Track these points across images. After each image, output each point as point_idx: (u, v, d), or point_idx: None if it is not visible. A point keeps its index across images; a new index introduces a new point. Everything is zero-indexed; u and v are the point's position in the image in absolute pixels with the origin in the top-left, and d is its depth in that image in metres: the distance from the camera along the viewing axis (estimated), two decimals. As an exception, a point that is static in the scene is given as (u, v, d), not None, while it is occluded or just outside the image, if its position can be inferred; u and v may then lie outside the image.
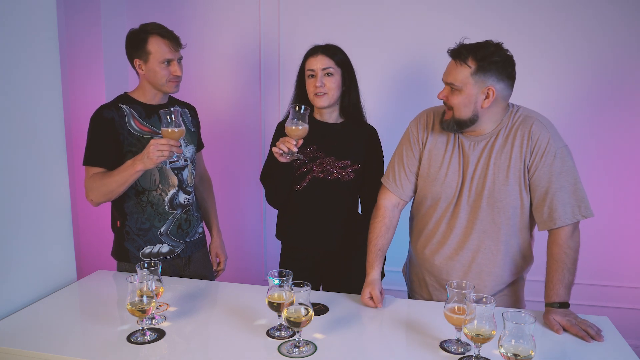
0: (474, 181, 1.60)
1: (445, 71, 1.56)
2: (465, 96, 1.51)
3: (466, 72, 1.49)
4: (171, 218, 1.88)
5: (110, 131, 1.77)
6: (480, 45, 1.50)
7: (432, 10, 2.62)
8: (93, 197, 1.77)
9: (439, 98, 1.58)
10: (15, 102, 1.54)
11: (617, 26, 2.47)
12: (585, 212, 1.52)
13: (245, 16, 2.84)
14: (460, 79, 1.50)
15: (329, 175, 1.86)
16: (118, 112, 1.79)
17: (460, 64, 1.50)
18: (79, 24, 2.83)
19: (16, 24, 1.54)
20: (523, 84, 2.53)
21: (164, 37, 1.77)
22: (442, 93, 1.57)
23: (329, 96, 1.81)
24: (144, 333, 1.37)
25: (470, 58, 1.48)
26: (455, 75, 1.51)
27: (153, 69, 1.78)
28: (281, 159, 1.68)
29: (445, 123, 1.58)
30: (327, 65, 1.79)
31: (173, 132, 1.62)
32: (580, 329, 1.41)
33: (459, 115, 1.54)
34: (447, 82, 1.55)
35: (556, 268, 1.52)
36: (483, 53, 1.48)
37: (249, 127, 2.96)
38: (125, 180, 1.70)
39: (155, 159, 1.62)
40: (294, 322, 1.27)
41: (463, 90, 1.51)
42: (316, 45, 1.85)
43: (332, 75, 1.80)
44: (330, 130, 1.89)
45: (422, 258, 1.75)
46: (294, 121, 1.62)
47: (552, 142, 1.52)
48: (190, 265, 1.98)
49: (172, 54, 1.78)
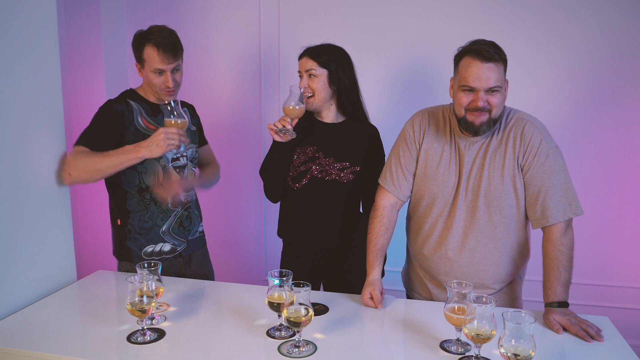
0: (470, 181, 1.62)
1: (479, 77, 1.48)
2: (502, 94, 1.53)
3: (502, 70, 1.51)
4: (173, 216, 1.89)
5: (116, 124, 1.77)
6: (490, 43, 1.52)
7: (432, 11, 2.62)
8: (72, 172, 1.67)
9: (481, 106, 1.50)
10: (15, 103, 1.54)
11: (615, 26, 2.47)
12: (575, 210, 1.56)
13: (245, 17, 2.85)
14: (501, 79, 1.51)
15: (327, 176, 1.86)
16: (127, 107, 1.80)
17: (495, 64, 1.49)
18: (79, 24, 2.84)
19: (16, 24, 1.54)
20: (520, 83, 2.54)
21: (158, 47, 1.74)
22: (480, 100, 1.49)
23: (315, 98, 1.83)
24: (144, 333, 1.37)
25: (498, 56, 1.49)
26: (496, 77, 1.49)
27: (147, 76, 1.80)
28: (276, 137, 1.76)
29: (481, 127, 1.53)
30: (310, 67, 1.82)
31: (177, 123, 1.66)
32: (580, 328, 1.41)
33: (496, 114, 1.54)
34: (488, 88, 1.49)
35: (552, 267, 1.53)
36: (500, 49, 1.51)
37: (249, 127, 2.96)
38: (121, 163, 1.66)
39: (165, 147, 1.62)
40: (294, 322, 1.27)
41: (503, 88, 1.53)
42: (305, 47, 1.87)
43: (316, 77, 1.82)
44: (330, 131, 1.89)
45: (420, 258, 1.76)
46: (290, 100, 1.72)
47: (545, 143, 1.56)
48: (191, 264, 1.98)
49: (164, 65, 1.76)
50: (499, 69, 1.49)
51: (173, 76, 1.80)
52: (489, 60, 1.48)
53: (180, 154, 1.89)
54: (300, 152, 1.89)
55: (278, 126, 1.73)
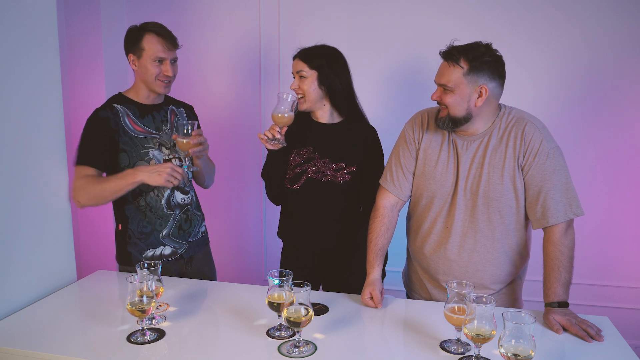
0: (469, 180, 1.62)
1: (438, 73, 1.59)
2: (459, 96, 1.54)
3: (459, 73, 1.53)
4: (172, 220, 1.88)
5: (105, 131, 1.77)
6: (471, 46, 1.54)
7: (431, 11, 2.62)
8: (80, 199, 1.75)
9: (433, 99, 1.61)
10: (15, 103, 1.54)
11: (615, 25, 2.47)
12: (576, 211, 1.56)
13: (245, 16, 2.85)
14: (453, 80, 1.53)
15: (323, 177, 1.87)
16: (112, 111, 1.79)
17: (453, 65, 1.53)
18: (79, 23, 2.83)
19: (16, 24, 1.54)
20: (520, 82, 2.54)
21: (159, 36, 1.78)
22: (435, 94, 1.60)
23: (305, 99, 1.85)
24: (144, 333, 1.37)
25: (462, 59, 1.52)
26: (448, 77, 1.54)
27: (144, 66, 1.79)
28: (268, 146, 1.78)
29: (441, 121, 1.61)
30: (300, 68, 1.84)
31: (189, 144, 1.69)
32: (580, 328, 1.41)
33: (453, 114, 1.57)
34: (439, 84, 1.58)
35: (552, 267, 1.54)
36: (474, 53, 1.52)
37: (249, 127, 2.96)
38: (121, 188, 1.71)
39: (165, 181, 1.67)
40: (294, 322, 1.27)
41: (456, 90, 1.54)
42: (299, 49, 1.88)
43: (305, 78, 1.84)
44: (326, 132, 1.89)
45: (420, 257, 1.76)
46: (279, 108, 1.72)
47: (545, 143, 1.56)
48: (192, 263, 1.98)
49: (165, 53, 1.78)
50: (453, 70, 1.53)
51: (173, 68, 1.82)
52: (447, 59, 1.55)
53: (173, 156, 1.88)
54: (297, 154, 1.90)
55: (268, 135, 1.75)
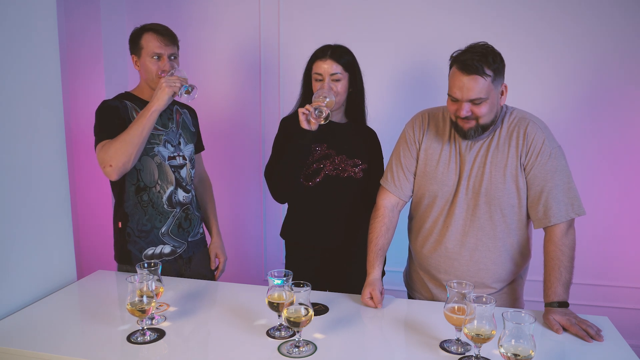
0: (471, 179, 1.62)
1: (461, 90, 1.50)
2: (490, 103, 1.52)
3: (487, 82, 1.49)
4: (171, 217, 1.88)
5: (118, 115, 1.80)
6: (481, 52, 1.50)
7: (432, 11, 2.62)
8: (113, 162, 1.69)
9: (463, 116, 1.52)
10: (15, 103, 1.54)
11: (619, 25, 2.47)
12: (578, 210, 1.56)
13: (245, 16, 2.84)
14: (485, 91, 1.49)
15: (343, 173, 1.86)
16: (121, 103, 1.83)
17: (479, 76, 1.48)
18: (79, 23, 2.83)
19: (16, 24, 1.54)
20: (524, 82, 2.54)
21: (155, 32, 1.81)
22: (463, 110, 1.51)
23: (336, 101, 1.78)
24: (144, 333, 1.37)
25: (485, 68, 1.48)
26: (478, 90, 1.49)
27: (144, 64, 1.83)
28: (304, 125, 1.67)
29: (469, 132, 1.56)
30: (335, 70, 1.77)
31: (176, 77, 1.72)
32: (580, 328, 1.41)
33: (484, 122, 1.54)
34: (470, 100, 1.50)
35: (553, 266, 1.54)
36: (491, 58, 1.49)
37: (249, 128, 2.96)
38: (144, 126, 1.69)
39: (168, 89, 1.68)
40: (294, 322, 1.27)
41: (488, 99, 1.51)
42: (324, 47, 1.81)
43: (340, 81, 1.78)
44: (338, 130, 1.89)
45: (421, 257, 1.76)
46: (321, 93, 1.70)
47: (547, 143, 1.57)
48: (191, 264, 1.98)
49: (162, 49, 1.81)
50: (483, 81, 1.48)
51: (170, 63, 1.83)
52: (472, 73, 1.47)
53: (177, 154, 1.88)
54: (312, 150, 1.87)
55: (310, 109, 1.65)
